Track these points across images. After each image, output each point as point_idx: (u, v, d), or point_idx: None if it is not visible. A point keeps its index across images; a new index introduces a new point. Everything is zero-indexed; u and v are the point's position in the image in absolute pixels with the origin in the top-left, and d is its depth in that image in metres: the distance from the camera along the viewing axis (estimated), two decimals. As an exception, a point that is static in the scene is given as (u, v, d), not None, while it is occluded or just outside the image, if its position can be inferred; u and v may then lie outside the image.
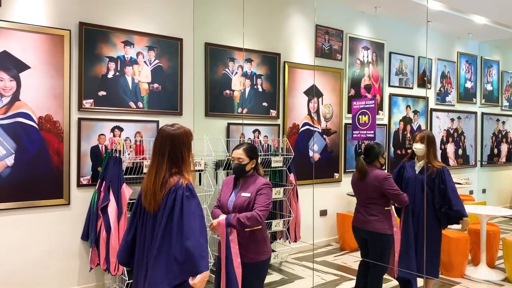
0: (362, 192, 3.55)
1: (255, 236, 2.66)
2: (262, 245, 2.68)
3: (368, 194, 3.49)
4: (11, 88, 3.70)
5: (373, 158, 3.53)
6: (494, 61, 8.32)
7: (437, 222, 3.58)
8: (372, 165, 3.52)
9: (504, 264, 4.62)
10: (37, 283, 3.85)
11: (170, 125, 2.30)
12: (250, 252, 2.64)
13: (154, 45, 4.43)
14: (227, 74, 4.95)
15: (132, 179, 4.13)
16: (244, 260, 2.62)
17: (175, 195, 2.16)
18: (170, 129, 2.25)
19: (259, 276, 2.71)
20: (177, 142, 2.23)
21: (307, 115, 5.67)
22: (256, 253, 2.65)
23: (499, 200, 8.34)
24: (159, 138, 2.26)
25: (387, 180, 3.39)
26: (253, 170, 2.81)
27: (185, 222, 2.11)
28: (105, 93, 4.15)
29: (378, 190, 3.42)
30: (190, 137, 2.29)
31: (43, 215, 3.88)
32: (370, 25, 6.34)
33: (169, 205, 2.16)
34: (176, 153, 2.23)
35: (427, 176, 3.53)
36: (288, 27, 5.51)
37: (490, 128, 8.33)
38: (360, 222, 3.53)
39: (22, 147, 3.74)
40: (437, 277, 3.66)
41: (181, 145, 2.24)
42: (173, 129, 2.26)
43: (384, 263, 3.47)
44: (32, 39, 3.77)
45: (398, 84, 6.72)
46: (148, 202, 2.21)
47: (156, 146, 2.26)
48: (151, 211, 2.22)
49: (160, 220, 2.18)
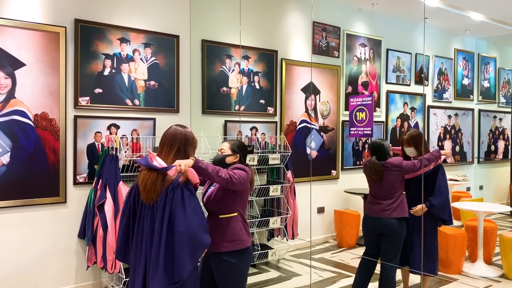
0: (381, 188, 3.51)
1: (231, 224, 2.53)
2: (238, 233, 2.53)
3: (389, 186, 3.47)
4: (6, 86, 3.67)
5: (384, 155, 3.52)
6: (491, 58, 8.33)
7: (432, 219, 3.59)
8: (384, 161, 3.52)
9: (501, 261, 4.63)
10: (33, 282, 3.84)
11: (180, 125, 2.44)
12: (226, 240, 2.50)
13: (150, 42, 4.41)
14: (224, 71, 4.94)
15: (129, 177, 4.12)
16: (221, 249, 2.49)
17: (173, 194, 2.18)
18: (182, 129, 2.40)
19: (236, 267, 2.53)
20: (186, 141, 2.37)
21: (305, 112, 5.66)
22: (231, 242, 2.51)
23: (496, 196, 8.36)
24: (170, 133, 2.39)
25: (402, 163, 3.45)
26: (234, 164, 2.65)
27: (188, 216, 2.17)
28: (101, 90, 4.13)
29: (399, 177, 3.47)
30: (196, 143, 2.45)
31: (39, 213, 3.86)
32: (367, 22, 6.33)
33: (169, 204, 2.18)
34: (184, 150, 2.35)
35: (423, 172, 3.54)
36: (285, 24, 5.49)
37: (487, 125, 8.35)
38: (376, 212, 3.50)
39: (18, 145, 3.72)
40: (436, 274, 3.67)
41: (189, 144, 2.38)
42: (184, 130, 2.41)
43: (396, 254, 3.47)
44: (27, 36, 3.75)
45: (395, 81, 6.72)
46: (147, 191, 2.24)
47: (166, 139, 2.37)
48: (149, 201, 2.25)
49: (161, 216, 2.19)
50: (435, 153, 3.56)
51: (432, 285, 4.22)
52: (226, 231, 2.51)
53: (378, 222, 3.47)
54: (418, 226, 3.54)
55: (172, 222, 2.16)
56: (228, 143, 2.72)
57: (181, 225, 2.14)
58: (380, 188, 3.52)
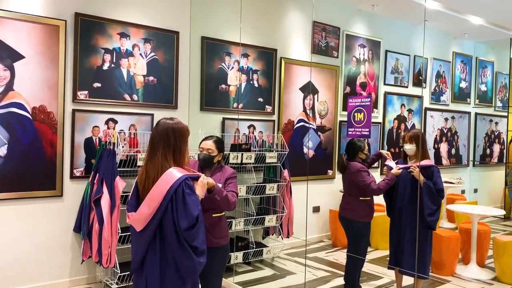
0: (344, 184, 3.87)
1: (220, 221, 2.79)
2: (224, 230, 2.82)
3: (347, 186, 3.80)
4: (5, 78, 3.66)
5: (353, 154, 3.78)
6: (488, 61, 8.36)
7: (422, 221, 3.61)
8: (353, 161, 3.76)
9: (494, 264, 4.66)
10: (28, 275, 3.84)
11: (169, 118, 2.33)
12: (216, 237, 2.74)
13: (150, 37, 4.40)
14: (223, 68, 4.94)
15: (126, 172, 4.12)
16: (210, 244, 2.61)
17: (174, 193, 2.16)
18: (170, 122, 2.28)
19: (222, 261, 2.83)
20: (177, 134, 2.26)
21: (303, 111, 5.67)
22: (219, 238, 2.77)
23: (490, 200, 8.40)
24: (159, 129, 2.28)
25: (359, 172, 3.64)
26: (218, 162, 2.86)
27: (188, 209, 2.16)
28: (100, 85, 4.12)
29: (353, 182, 3.69)
30: (187, 132, 2.33)
31: (35, 206, 3.85)
32: (367, 23, 6.34)
33: (169, 202, 2.17)
34: (174, 145, 2.25)
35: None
36: (285, 23, 5.49)
37: (483, 128, 8.37)
38: (341, 211, 3.84)
39: (15, 138, 3.71)
40: (427, 275, 3.70)
41: (180, 137, 2.27)
42: (173, 122, 2.29)
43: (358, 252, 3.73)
44: (27, 29, 3.73)
45: (393, 82, 6.74)
46: (147, 188, 2.21)
47: (155, 136, 2.27)
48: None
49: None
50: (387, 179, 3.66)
51: (425, 286, 4.24)
52: (217, 228, 2.76)
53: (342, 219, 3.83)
54: (410, 228, 3.57)
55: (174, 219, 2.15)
56: (213, 142, 2.80)
57: (181, 219, 2.13)
58: (344, 185, 3.84)
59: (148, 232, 2.16)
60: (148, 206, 2.14)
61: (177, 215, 2.11)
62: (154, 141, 2.27)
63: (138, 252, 2.22)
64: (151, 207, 2.13)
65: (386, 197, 3.81)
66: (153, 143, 2.27)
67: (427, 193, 3.50)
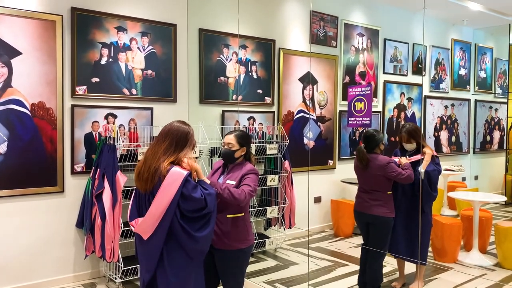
0: (366, 180, 3.60)
1: (236, 223, 2.63)
2: (243, 233, 2.65)
3: (372, 181, 3.54)
4: (3, 75, 3.64)
5: (373, 146, 3.56)
6: (488, 48, 8.32)
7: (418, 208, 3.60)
8: (373, 153, 3.55)
9: (495, 250, 4.68)
10: (32, 271, 3.85)
11: (180, 121, 2.46)
12: (230, 239, 2.61)
13: (147, 31, 4.37)
14: (221, 60, 4.91)
15: (127, 167, 4.11)
16: (224, 247, 2.61)
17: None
18: (181, 125, 2.42)
19: (238, 264, 2.67)
20: (187, 139, 2.39)
21: (302, 102, 5.65)
22: (236, 241, 2.62)
23: (491, 186, 8.41)
24: (175, 126, 2.40)
25: (389, 165, 3.44)
26: (243, 157, 2.76)
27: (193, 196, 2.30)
28: (98, 79, 4.10)
29: (382, 177, 3.47)
30: (194, 144, 2.46)
31: (37, 203, 3.86)
32: (365, 12, 6.30)
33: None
34: (180, 144, 2.36)
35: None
36: (283, 13, 5.46)
37: (483, 115, 8.36)
38: (364, 207, 3.59)
39: (14, 135, 3.70)
40: (425, 262, 3.72)
41: (186, 142, 2.39)
42: (189, 128, 2.44)
43: (383, 247, 3.55)
44: (23, 25, 3.71)
45: (392, 71, 6.71)
46: (144, 181, 2.28)
47: (170, 130, 2.38)
48: (145, 191, 2.31)
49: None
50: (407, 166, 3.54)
51: (428, 273, 4.26)
52: (232, 231, 2.61)
53: (366, 216, 3.59)
54: (408, 215, 3.57)
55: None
56: (234, 136, 2.72)
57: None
58: (365, 179, 3.58)
59: (159, 235, 2.23)
60: (157, 207, 2.21)
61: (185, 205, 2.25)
62: (159, 137, 2.38)
63: (150, 261, 2.27)
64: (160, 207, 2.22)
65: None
66: (157, 138, 2.39)
67: (428, 180, 3.51)
